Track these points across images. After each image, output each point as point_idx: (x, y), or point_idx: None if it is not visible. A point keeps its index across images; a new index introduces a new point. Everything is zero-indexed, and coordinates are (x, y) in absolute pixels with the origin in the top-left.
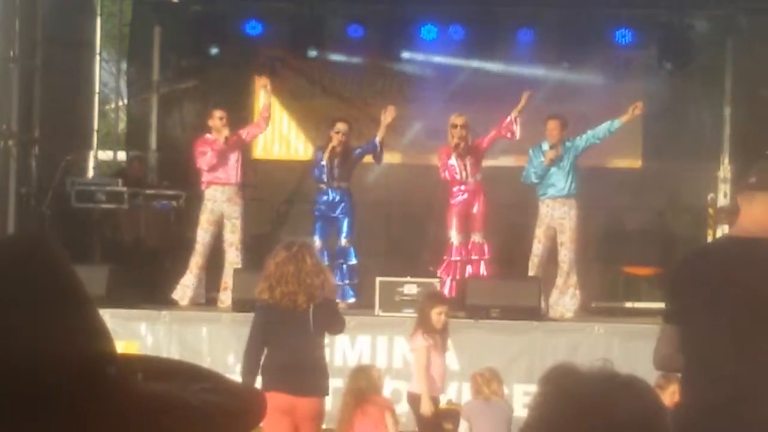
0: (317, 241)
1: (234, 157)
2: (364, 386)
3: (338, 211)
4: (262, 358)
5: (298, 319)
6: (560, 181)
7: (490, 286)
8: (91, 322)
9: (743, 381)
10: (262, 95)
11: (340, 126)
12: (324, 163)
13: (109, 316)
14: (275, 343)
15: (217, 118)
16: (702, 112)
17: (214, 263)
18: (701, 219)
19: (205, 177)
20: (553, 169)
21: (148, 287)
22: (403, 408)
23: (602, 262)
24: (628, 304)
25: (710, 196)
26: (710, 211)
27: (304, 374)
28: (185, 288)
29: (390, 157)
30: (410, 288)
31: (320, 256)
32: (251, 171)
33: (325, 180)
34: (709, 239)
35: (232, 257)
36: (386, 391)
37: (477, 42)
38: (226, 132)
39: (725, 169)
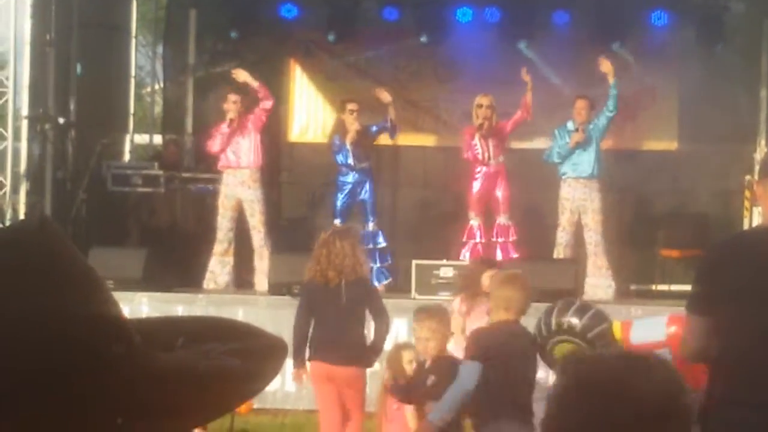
0: (337, 223)
1: (247, 141)
2: (391, 371)
3: (362, 194)
4: (309, 331)
5: (332, 294)
6: (583, 161)
7: (526, 269)
8: (95, 303)
9: None
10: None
11: (353, 106)
12: (348, 146)
13: (146, 300)
14: (316, 317)
15: (231, 101)
16: (738, 94)
17: (246, 247)
18: (738, 201)
19: (220, 161)
20: (577, 150)
21: (185, 270)
22: None
23: (638, 245)
24: (665, 287)
25: (747, 178)
26: (746, 193)
27: (339, 345)
28: (211, 274)
29: (424, 140)
30: (446, 271)
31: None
32: (287, 155)
33: (352, 164)
34: (746, 221)
35: (257, 241)
36: None
37: (513, 24)
38: (231, 114)
39: (762, 151)
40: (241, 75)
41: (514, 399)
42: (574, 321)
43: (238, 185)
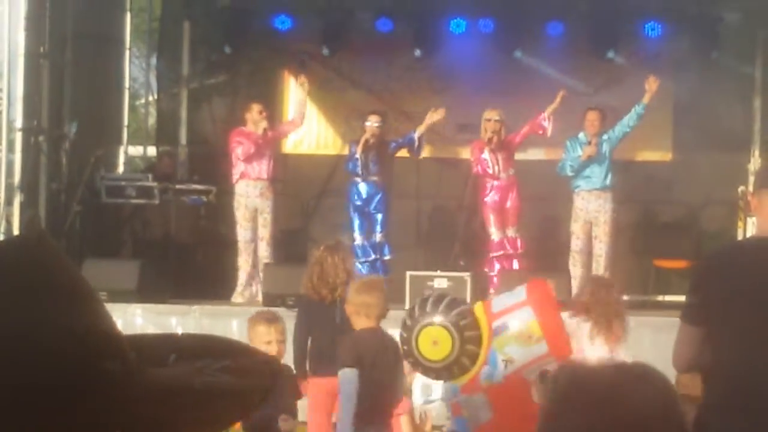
0: (357, 237)
1: (268, 152)
2: None
3: (373, 206)
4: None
5: (326, 311)
6: (595, 173)
7: (521, 280)
8: (90, 318)
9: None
10: (298, 92)
11: (374, 118)
12: (358, 156)
13: (140, 311)
14: (313, 333)
15: (256, 111)
16: (732, 105)
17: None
18: (732, 212)
19: (237, 170)
20: (589, 162)
21: (179, 282)
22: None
23: (633, 255)
24: (659, 297)
25: (741, 188)
26: (740, 203)
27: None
28: (243, 287)
29: None
30: (440, 282)
31: (356, 251)
32: (281, 166)
33: (360, 173)
34: (740, 232)
35: (263, 251)
36: (417, 386)
37: (506, 35)
38: (264, 124)
39: (756, 162)
40: (303, 81)
41: (380, 405)
42: (434, 308)
43: (258, 196)
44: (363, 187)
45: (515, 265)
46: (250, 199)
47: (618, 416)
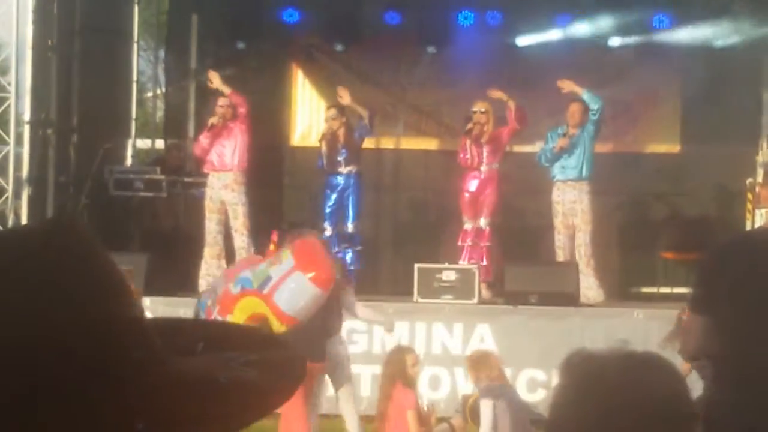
0: (328, 228)
1: (231, 144)
2: (394, 373)
3: (343, 197)
4: None
5: None
6: (571, 164)
7: (529, 272)
8: (117, 306)
9: None
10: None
11: (330, 112)
12: (323, 150)
13: (148, 304)
14: None
15: (219, 105)
16: (740, 97)
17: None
18: (740, 203)
19: (205, 164)
20: (565, 153)
21: (187, 275)
22: (441, 394)
23: (641, 247)
24: (667, 290)
25: (749, 180)
26: (749, 195)
27: (314, 343)
28: (205, 278)
29: (427, 143)
30: (449, 274)
31: (330, 242)
32: (289, 159)
33: (325, 167)
34: (748, 223)
35: (239, 243)
36: (425, 378)
37: (515, 27)
38: (215, 119)
39: (764, 153)
40: (215, 79)
41: None
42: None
43: (222, 188)
44: (334, 180)
45: (483, 257)
46: (215, 190)
47: (629, 404)
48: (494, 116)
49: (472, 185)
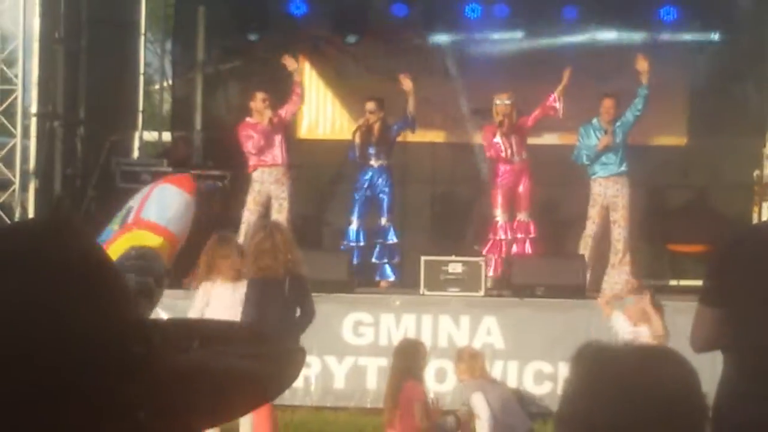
0: (354, 221)
1: (278, 138)
2: (404, 366)
3: (378, 190)
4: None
5: (275, 287)
6: (611, 160)
7: (535, 265)
8: (117, 303)
9: None
10: (294, 75)
11: (369, 105)
12: (357, 142)
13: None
14: (260, 311)
15: (260, 100)
16: (747, 89)
17: None
18: (747, 196)
19: (252, 160)
20: (604, 150)
21: (193, 267)
22: (448, 387)
23: (648, 240)
24: (674, 282)
25: (756, 172)
26: (755, 187)
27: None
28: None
29: (434, 136)
30: (455, 267)
31: (349, 234)
32: (296, 151)
33: (357, 160)
34: (755, 216)
35: None
36: (431, 371)
37: (521, 19)
38: (269, 113)
39: None
40: (291, 64)
41: None
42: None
43: (273, 183)
44: (366, 173)
45: (528, 249)
46: (265, 185)
47: (640, 397)
48: (515, 108)
49: (507, 177)
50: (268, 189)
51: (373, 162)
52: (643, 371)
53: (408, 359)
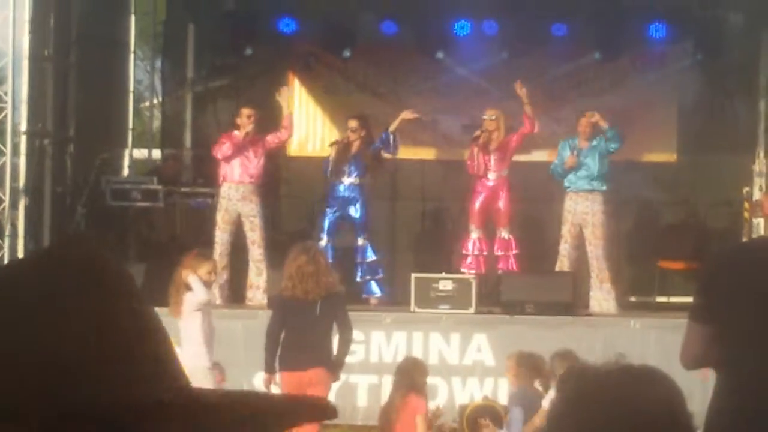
0: (324, 237)
1: (253, 156)
2: (406, 382)
3: (351, 209)
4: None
5: (305, 307)
6: (584, 176)
7: (524, 282)
8: (154, 344)
9: None
10: (284, 105)
11: (351, 123)
12: (331, 158)
13: None
14: (287, 329)
15: (245, 116)
16: (736, 106)
17: (241, 261)
18: (736, 213)
19: (222, 171)
20: (581, 161)
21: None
22: (439, 404)
23: (637, 256)
24: (664, 299)
25: (745, 189)
26: (746, 204)
27: (307, 351)
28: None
29: (424, 153)
30: (445, 284)
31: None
32: (286, 168)
33: (329, 176)
34: (745, 233)
35: (256, 255)
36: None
37: (511, 37)
38: (248, 128)
39: (760, 163)
40: (285, 95)
41: None
42: None
43: (239, 200)
44: (340, 189)
45: (512, 265)
46: (231, 202)
47: (626, 418)
48: (505, 124)
49: (483, 193)
50: (235, 206)
51: (345, 179)
52: (628, 392)
53: (411, 375)
